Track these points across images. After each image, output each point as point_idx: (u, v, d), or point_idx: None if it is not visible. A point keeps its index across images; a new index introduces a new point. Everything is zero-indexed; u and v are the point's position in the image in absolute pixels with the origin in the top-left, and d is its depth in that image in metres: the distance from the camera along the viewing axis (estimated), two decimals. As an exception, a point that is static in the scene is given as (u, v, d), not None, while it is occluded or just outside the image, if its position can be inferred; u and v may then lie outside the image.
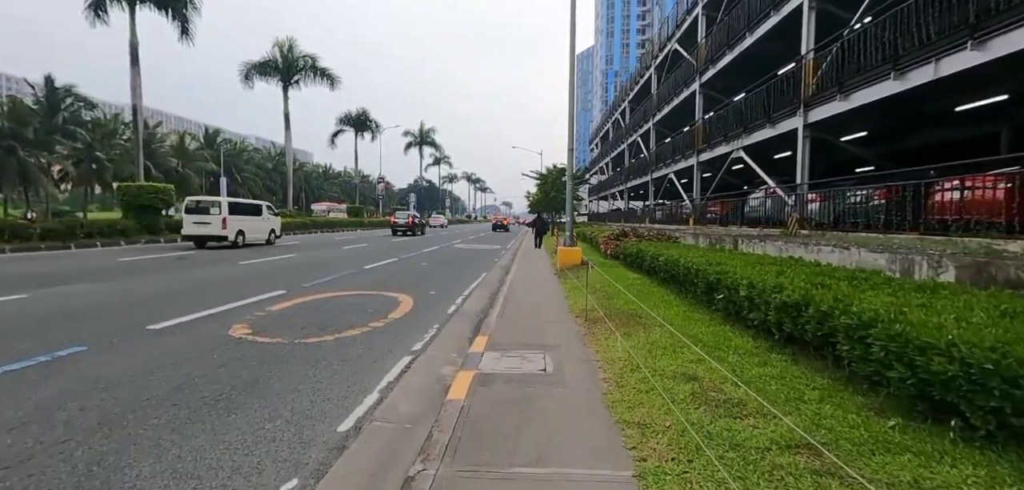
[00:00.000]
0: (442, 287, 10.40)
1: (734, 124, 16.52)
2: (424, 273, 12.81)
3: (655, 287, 8.55)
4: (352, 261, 15.27)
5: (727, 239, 12.41)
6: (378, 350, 5.45)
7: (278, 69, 34.87)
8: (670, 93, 24.41)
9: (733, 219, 16.51)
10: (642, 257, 10.31)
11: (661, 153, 26.28)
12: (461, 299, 8.96)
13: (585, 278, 10.28)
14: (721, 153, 17.73)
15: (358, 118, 49.75)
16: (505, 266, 14.75)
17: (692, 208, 20.67)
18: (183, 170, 58.86)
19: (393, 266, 14.23)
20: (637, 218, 33.70)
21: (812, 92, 12.01)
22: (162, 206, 21.36)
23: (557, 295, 8.70)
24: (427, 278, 11.77)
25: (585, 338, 5.42)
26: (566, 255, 12.21)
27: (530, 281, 10.76)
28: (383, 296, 8.98)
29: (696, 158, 20.24)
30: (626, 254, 12.07)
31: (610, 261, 13.34)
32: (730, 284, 5.51)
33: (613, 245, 13.71)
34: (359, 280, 11.01)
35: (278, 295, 8.71)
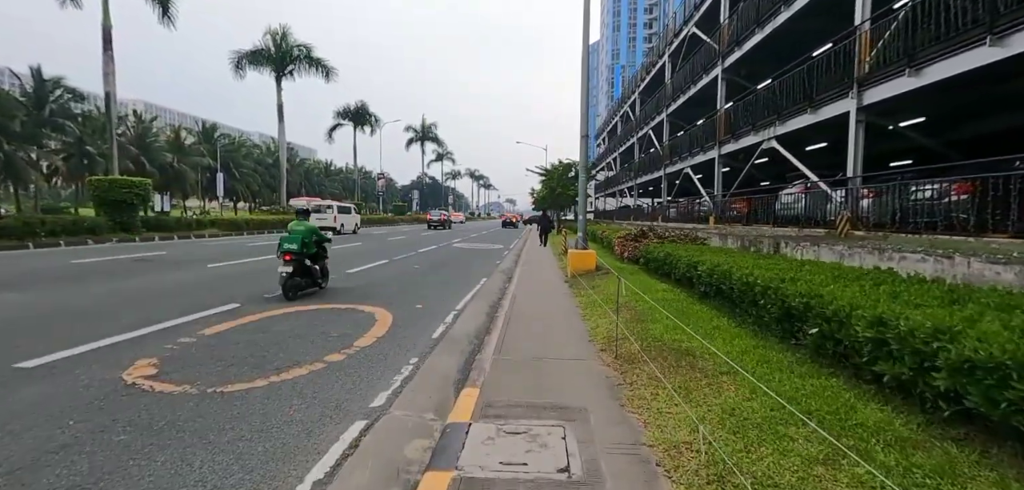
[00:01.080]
0: (432, 298, 8.73)
1: (764, 111, 14.75)
2: (414, 279, 11.15)
3: (694, 304, 6.83)
4: (336, 264, 13.62)
5: (765, 241, 10.68)
6: (322, 407, 3.78)
7: (271, 59, 33.26)
8: (686, 81, 22.62)
9: (762, 217, 14.74)
10: (672, 263, 8.60)
11: (676, 146, 24.50)
12: (453, 316, 7.28)
13: (603, 288, 8.59)
14: (748, 144, 15.96)
15: (357, 112, 48.15)
16: (507, 270, 13.07)
17: (712, 205, 18.90)
18: (179, 166, 57.53)
19: (381, 270, 12.58)
20: (647, 216, 31.95)
21: (867, 69, 10.24)
22: (138, 202, 19.78)
23: (571, 312, 7.00)
24: (416, 286, 10.10)
25: (621, 394, 3.72)
26: (578, 259, 10.51)
27: (537, 291, 9.07)
28: (357, 311, 7.32)
29: (717, 150, 18.47)
30: (650, 258, 10.35)
31: (628, 265, 11.63)
32: (830, 314, 3.80)
33: (631, 247, 12.00)
34: (337, 288, 9.35)
35: (227, 310, 7.06)
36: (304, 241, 8.31)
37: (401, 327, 6.46)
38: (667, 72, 26.54)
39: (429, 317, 7.16)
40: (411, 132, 73.75)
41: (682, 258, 8.02)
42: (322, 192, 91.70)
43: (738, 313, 5.73)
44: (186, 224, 22.74)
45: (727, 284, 5.91)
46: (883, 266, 6.58)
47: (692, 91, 21.84)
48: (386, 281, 10.65)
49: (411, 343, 5.71)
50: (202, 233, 23.30)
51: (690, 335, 4.84)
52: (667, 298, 7.13)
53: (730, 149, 17.59)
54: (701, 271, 6.86)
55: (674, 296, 7.41)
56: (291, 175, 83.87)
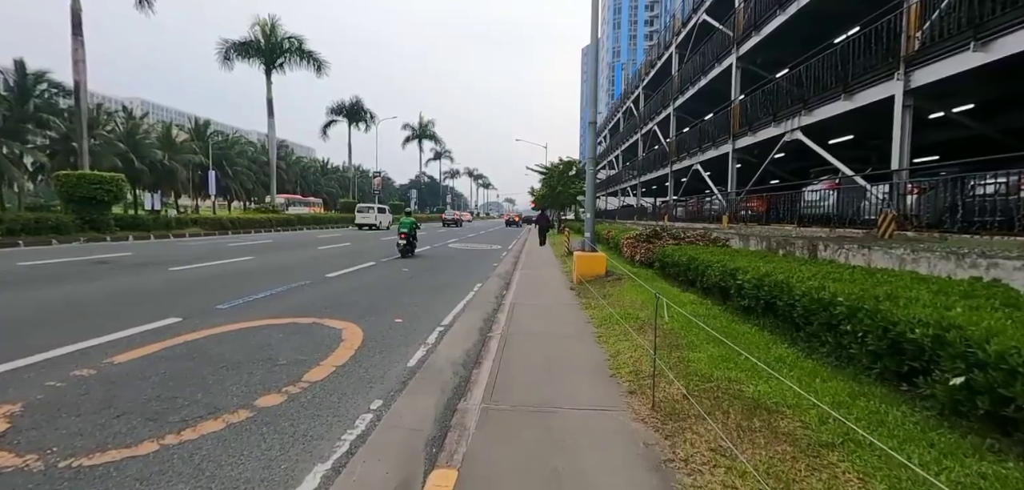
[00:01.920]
0: (417, 308, 7.43)
1: (788, 100, 13.47)
2: (400, 284, 9.85)
3: (735, 322, 5.52)
4: (318, 266, 12.34)
5: (796, 243, 9.39)
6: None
7: (260, 51, 31.92)
8: (696, 73, 21.33)
9: (784, 216, 13.47)
10: (698, 269, 7.29)
11: (684, 142, 23.21)
12: (437, 333, 5.99)
13: (618, 298, 7.29)
14: (767, 137, 14.68)
15: (351, 108, 46.82)
16: (506, 274, 11.78)
17: (726, 204, 17.63)
18: (170, 163, 56.09)
19: (365, 274, 11.28)
20: (650, 216, 30.68)
21: (917, 46, 8.95)
22: (109, 199, 18.44)
23: (583, 331, 5.70)
24: (401, 293, 8.80)
25: (677, 486, 2.42)
26: (586, 263, 9.20)
27: (539, 301, 7.77)
28: (321, 327, 6.03)
29: (731, 145, 17.19)
30: (667, 262, 9.05)
31: (640, 270, 10.33)
32: (987, 357, 2.50)
33: (643, 249, 10.70)
34: (305, 297, 8.05)
35: (162, 326, 5.77)
36: (411, 227, 15.28)
37: (370, 350, 5.16)
38: (674, 64, 25.25)
39: (408, 335, 5.86)
40: (408, 130, 72.49)
41: (713, 264, 6.71)
42: (318, 191, 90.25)
43: (802, 339, 4.43)
44: (165, 223, 21.42)
45: (784, 300, 4.61)
46: (964, 275, 5.29)
47: (702, 83, 20.55)
48: (368, 287, 9.36)
49: (378, 375, 4.42)
50: (182, 232, 21.98)
51: (749, 372, 3.55)
52: (699, 313, 5.83)
53: (745, 143, 16.31)
54: (743, 281, 5.55)
55: (706, 310, 6.10)
56: (286, 173, 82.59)
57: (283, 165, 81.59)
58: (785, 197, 13.67)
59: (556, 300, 7.85)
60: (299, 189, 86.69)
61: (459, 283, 10.41)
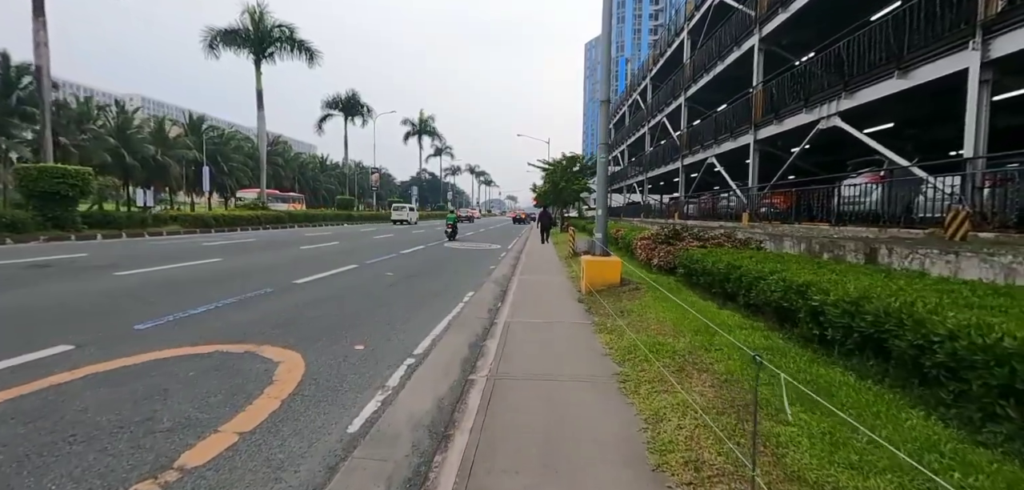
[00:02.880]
0: (388, 328, 5.94)
1: (823, 83, 11.91)
2: (378, 292, 8.36)
3: (817, 363, 3.97)
4: (291, 269, 10.89)
5: (848, 246, 7.88)
6: None
7: (249, 39, 30.41)
8: (711, 59, 19.76)
9: (818, 213, 11.92)
10: (742, 281, 5.77)
11: (697, 134, 21.65)
12: (402, 372, 4.49)
13: (641, 318, 5.77)
14: (797, 125, 13.13)
15: (348, 102, 45.32)
16: (503, 279, 10.28)
17: (746, 200, 16.08)
18: (162, 158, 54.71)
19: (342, 279, 9.80)
20: (658, 213, 29.15)
21: (998, 8, 7.39)
22: (74, 194, 17.00)
23: (600, 373, 4.20)
24: (375, 305, 7.31)
25: None
26: (597, 270, 7.67)
27: (541, 320, 6.27)
28: (252, 360, 4.55)
29: (752, 135, 15.63)
30: (694, 269, 7.54)
31: (660, 277, 8.81)
32: None
33: (662, 252, 9.17)
34: (257, 310, 6.58)
35: (35, 360, 4.32)
36: (455, 220, 22.83)
37: (303, 401, 3.67)
38: (686, 51, 23.65)
39: (365, 372, 4.37)
40: (408, 125, 71.01)
41: (766, 275, 5.18)
42: (316, 188, 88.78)
43: (955, 403, 2.89)
44: (140, 220, 19.97)
45: (908, 339, 3.08)
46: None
47: (718, 69, 18.98)
48: (339, 295, 7.88)
49: (296, 453, 2.93)
50: (159, 231, 20.54)
51: (896, 476, 2.05)
52: (757, 345, 4.31)
53: (769, 133, 14.75)
54: (820, 302, 4.02)
55: (764, 340, 4.57)
56: (284, 169, 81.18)
57: (280, 161, 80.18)
58: (817, 193, 12.13)
59: (562, 317, 6.35)
60: (297, 185, 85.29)
61: (448, 291, 8.92)
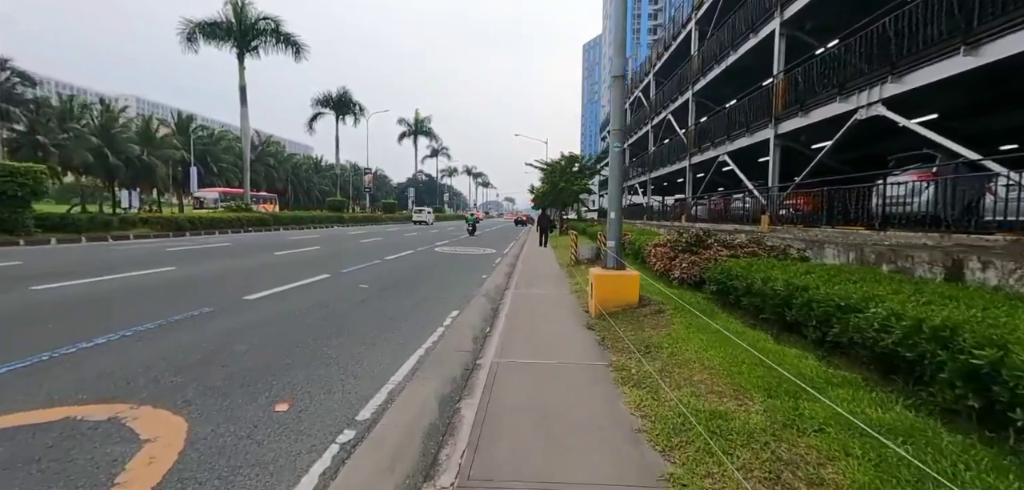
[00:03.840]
0: (336, 370, 4.41)
1: (863, 66, 10.42)
2: (342, 312, 6.82)
3: (965, 449, 2.46)
4: (251, 281, 9.35)
5: (918, 257, 6.40)
6: None
7: (231, 32, 28.82)
8: (722, 49, 18.29)
9: (857, 216, 10.42)
10: (814, 308, 4.25)
11: (707, 131, 20.18)
12: (329, 457, 2.94)
13: (677, 362, 4.15)
14: (829, 116, 11.65)
15: (339, 100, 43.76)
16: (496, 293, 8.75)
17: (765, 202, 14.59)
18: (149, 158, 52.94)
19: (303, 293, 8.26)
20: (661, 215, 27.67)
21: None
22: (25, 194, 15.39)
23: (631, 465, 2.66)
24: (328, 335, 5.77)
25: None
26: (609, 287, 6.13)
27: (542, 364, 4.75)
28: (112, 433, 3.06)
29: (773, 129, 14.15)
30: (733, 287, 6.02)
31: (684, 293, 7.29)
32: None
33: (685, 263, 7.65)
34: (174, 341, 5.05)
35: None
36: (474, 220, 30.90)
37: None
38: (694, 42, 22.19)
39: (263, 468, 2.82)
40: (404, 126, 69.48)
41: (863, 306, 3.65)
42: (310, 189, 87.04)
43: None
44: (103, 223, 18.34)
45: None
46: None
47: (731, 59, 17.51)
48: (290, 317, 6.34)
49: None
50: (125, 235, 18.92)
51: None
52: (879, 420, 2.78)
53: (794, 126, 13.26)
54: (984, 360, 2.51)
55: (879, 407, 3.04)
56: (276, 170, 79.47)
57: (272, 162, 78.53)
58: (852, 192, 10.63)
59: (569, 355, 4.82)
60: (291, 187, 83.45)
61: (428, 308, 7.39)
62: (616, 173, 6.37)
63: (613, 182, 6.40)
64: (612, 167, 6.42)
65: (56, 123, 46.83)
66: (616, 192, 6.44)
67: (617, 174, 6.36)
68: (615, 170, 6.37)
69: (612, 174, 6.40)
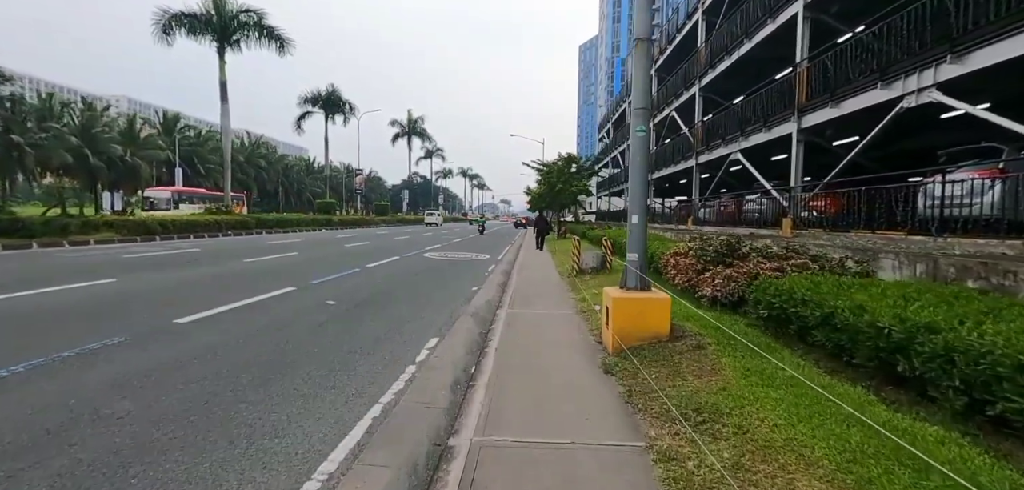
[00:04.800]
0: (242, 446, 2.93)
1: (912, 45, 9.05)
2: (293, 343, 5.34)
3: None
4: (191, 299, 7.83)
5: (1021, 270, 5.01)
6: None
7: (211, 25, 27.26)
8: (735, 38, 16.94)
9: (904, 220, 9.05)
10: (953, 362, 2.82)
11: (716, 127, 18.82)
12: None
13: (743, 441, 2.69)
14: (867, 106, 10.28)
15: (328, 98, 42.20)
16: (486, 312, 7.30)
17: (786, 204, 13.21)
18: (132, 159, 51.09)
19: (254, 313, 6.78)
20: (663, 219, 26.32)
21: None
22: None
23: None
24: (269, 377, 4.30)
25: None
26: (632, 314, 4.67)
27: (546, 445, 3.29)
28: None
29: (796, 122, 12.77)
30: (799, 315, 4.56)
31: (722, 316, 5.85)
32: None
33: (720, 278, 6.22)
34: (31, 394, 3.53)
35: None
36: (483, 220, 46.21)
37: None
38: (700, 34, 20.83)
39: None
40: (397, 126, 67.98)
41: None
42: (301, 191, 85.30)
43: None
44: (59, 227, 16.74)
45: None
46: None
47: (744, 48, 16.15)
48: (216, 354, 4.85)
49: None
50: (86, 239, 17.33)
51: None
52: None
53: (820, 119, 11.90)
54: None
55: None
56: (268, 171, 77.85)
57: (263, 163, 76.88)
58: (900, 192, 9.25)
59: (583, 427, 3.38)
60: (281, 188, 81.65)
61: (399, 336, 5.93)
62: (640, 164, 4.92)
63: (636, 176, 4.94)
64: (634, 157, 4.97)
65: (34, 122, 45.04)
66: (640, 188, 4.97)
67: (641, 166, 4.91)
68: (638, 160, 4.91)
69: (634, 166, 4.94)
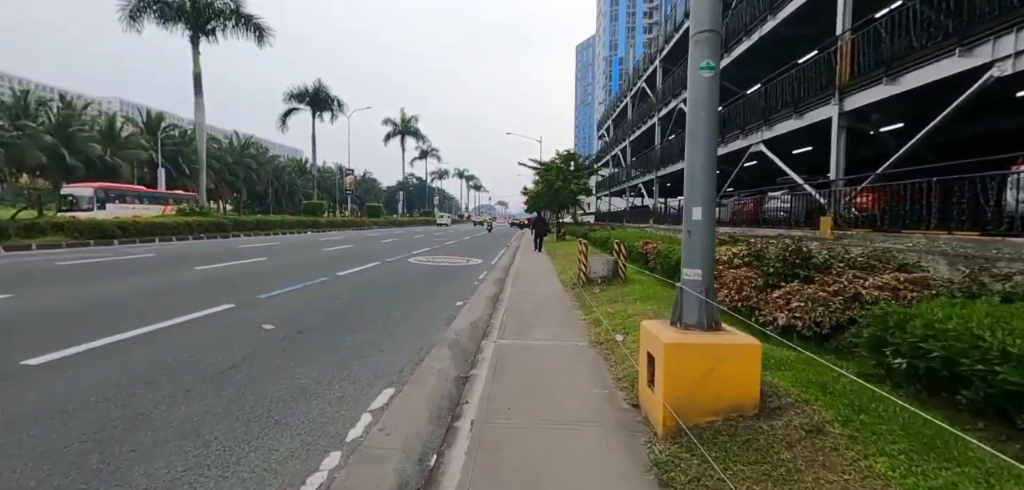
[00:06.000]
0: None
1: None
2: (182, 394, 3.47)
3: None
4: (94, 320, 5.94)
5: None
6: None
7: (183, 12, 25.33)
8: (754, 18, 15.19)
9: (991, 221, 7.25)
10: None
11: (733, 117, 17.05)
12: None
13: None
14: (935, 79, 8.48)
15: (315, 94, 40.26)
16: (468, 340, 5.45)
17: (824, 201, 11.41)
18: (112, 159, 48.97)
19: (164, 342, 4.89)
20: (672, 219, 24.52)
21: None
22: None
23: None
24: (127, 459, 2.40)
25: None
26: (694, 368, 2.85)
27: None
28: None
29: (837, 106, 10.99)
30: (952, 365, 2.71)
31: (817, 353, 4.01)
32: None
33: (802, 299, 4.36)
34: None
35: None
36: (491, 220, 68.66)
37: None
38: (713, 16, 19.03)
39: None
40: (390, 125, 66.05)
41: None
42: (293, 192, 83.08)
43: None
44: None
45: None
46: None
47: (768, 26, 14.39)
48: (31, 433, 2.95)
49: None
50: (26, 244, 15.38)
51: None
52: None
53: (870, 99, 10.11)
54: None
55: None
56: (258, 172, 75.75)
57: (253, 164, 74.79)
58: (993, 182, 7.44)
59: None
60: (271, 190, 79.51)
61: (337, 388, 4.08)
62: (705, 124, 2.97)
63: (699, 143, 2.95)
64: (695, 112, 3.01)
65: (8, 121, 42.94)
66: (705, 163, 2.98)
67: (707, 126, 2.95)
68: (702, 118, 2.97)
69: (695, 128, 3.01)
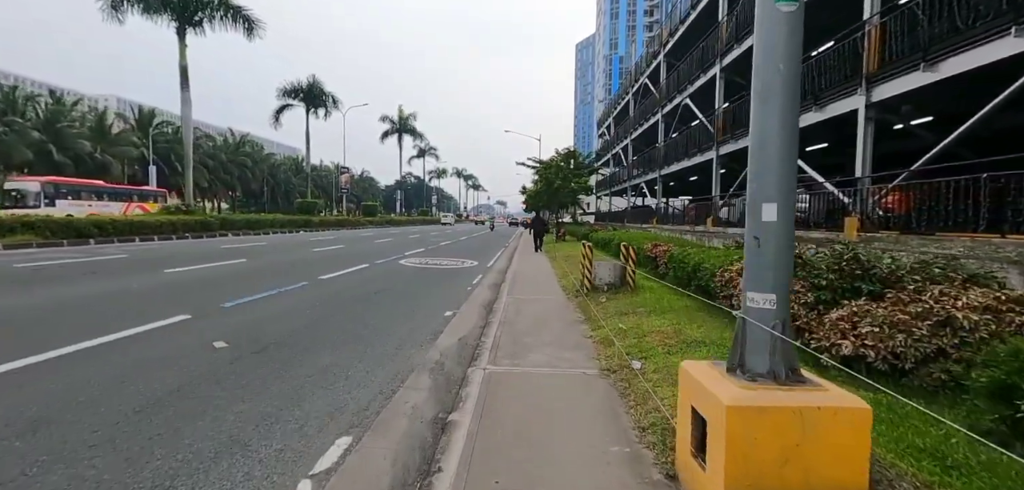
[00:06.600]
0: None
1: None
2: (72, 450, 2.51)
3: None
4: (22, 336, 4.97)
5: None
6: None
7: (169, 3, 24.35)
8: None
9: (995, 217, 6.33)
10: None
11: (746, 111, 16.10)
12: None
13: None
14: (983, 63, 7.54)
15: (309, 90, 39.26)
16: (453, 364, 4.50)
17: (849, 201, 10.48)
18: (102, 156, 47.90)
19: (83, 366, 3.91)
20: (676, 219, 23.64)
21: None
22: None
23: None
24: None
25: None
26: (765, 435, 1.90)
27: None
28: None
29: (864, 96, 10.05)
30: None
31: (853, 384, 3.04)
32: None
33: (876, 327, 3.38)
34: None
35: None
36: (492, 218, 69.79)
37: None
38: (722, 6, 18.10)
39: None
40: (387, 123, 65.05)
41: None
42: (289, 191, 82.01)
43: None
44: (-45, 229, 13.80)
45: None
46: None
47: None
48: None
49: None
50: (-9, 243, 14.41)
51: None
52: None
53: (904, 88, 9.17)
54: None
55: None
56: (252, 170, 74.81)
57: (248, 162, 73.81)
58: None
59: None
60: (267, 188, 78.50)
61: (278, 436, 3.13)
62: (786, 82, 2.00)
63: (775, 113, 1.93)
64: (766, 61, 2.04)
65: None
66: (785, 139, 1.96)
67: (788, 84, 1.99)
68: (779, 82, 2.00)
69: (768, 93, 1.98)
